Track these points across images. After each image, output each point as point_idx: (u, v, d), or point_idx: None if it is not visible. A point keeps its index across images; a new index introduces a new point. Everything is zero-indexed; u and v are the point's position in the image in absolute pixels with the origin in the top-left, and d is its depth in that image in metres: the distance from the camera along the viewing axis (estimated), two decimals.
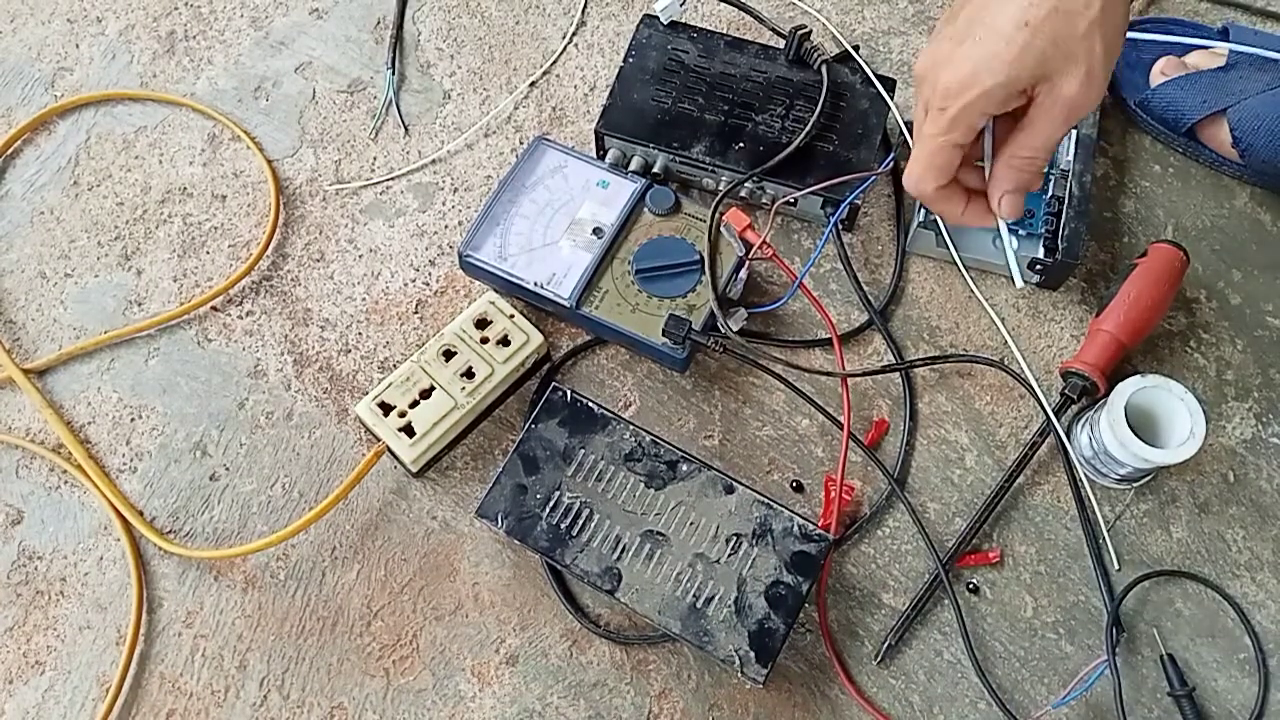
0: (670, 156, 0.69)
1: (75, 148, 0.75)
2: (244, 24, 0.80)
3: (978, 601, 0.61)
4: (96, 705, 0.59)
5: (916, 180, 0.54)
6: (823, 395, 0.66)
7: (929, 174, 0.53)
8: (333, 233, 0.72)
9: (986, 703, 0.59)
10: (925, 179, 0.54)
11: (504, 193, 0.67)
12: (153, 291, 0.70)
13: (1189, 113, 0.70)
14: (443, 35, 0.79)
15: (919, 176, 0.54)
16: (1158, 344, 0.67)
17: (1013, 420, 0.66)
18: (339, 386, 0.67)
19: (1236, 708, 0.59)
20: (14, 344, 0.69)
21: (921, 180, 0.54)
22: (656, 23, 0.72)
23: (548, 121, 0.75)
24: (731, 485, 0.59)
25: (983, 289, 0.69)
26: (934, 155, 0.53)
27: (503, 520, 0.58)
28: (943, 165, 0.53)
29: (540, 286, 0.64)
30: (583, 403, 0.62)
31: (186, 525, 0.63)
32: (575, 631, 0.61)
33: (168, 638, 0.61)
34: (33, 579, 0.62)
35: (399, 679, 0.60)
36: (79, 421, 0.66)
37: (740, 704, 0.59)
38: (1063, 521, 0.63)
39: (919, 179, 0.54)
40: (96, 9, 0.80)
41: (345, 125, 0.76)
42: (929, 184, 0.54)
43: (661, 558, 0.58)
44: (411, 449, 0.60)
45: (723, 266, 0.65)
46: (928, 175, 0.53)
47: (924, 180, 0.54)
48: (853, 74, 0.71)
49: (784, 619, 0.56)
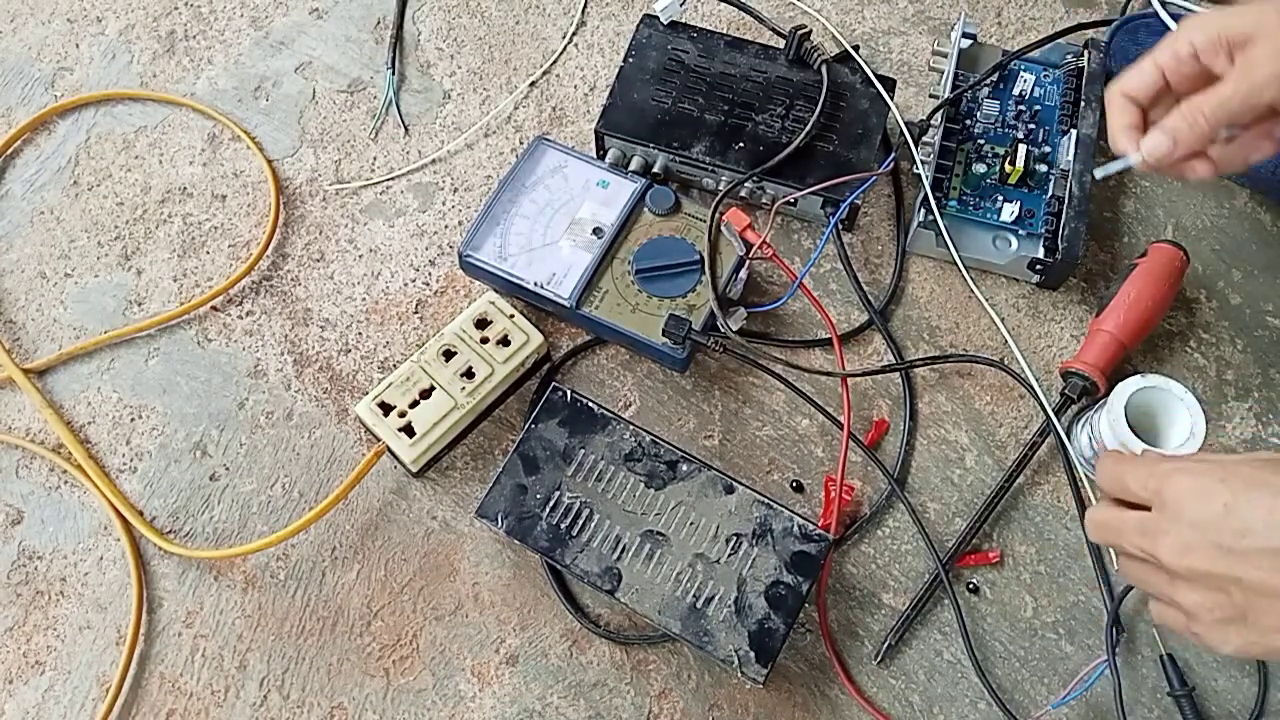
0: (670, 156, 0.69)
1: (75, 147, 0.75)
2: (244, 24, 0.80)
3: (978, 601, 0.61)
4: (96, 705, 0.59)
5: (1115, 80, 0.58)
6: (823, 395, 0.66)
7: (1125, 78, 0.57)
8: (333, 233, 0.72)
9: (986, 703, 0.59)
10: (1123, 80, 0.57)
11: (504, 192, 0.67)
12: (153, 291, 0.70)
13: None
14: (443, 35, 0.79)
15: (1118, 77, 0.58)
16: (1158, 344, 0.67)
17: (1013, 420, 0.66)
18: (339, 386, 0.67)
19: (1236, 708, 0.59)
20: (14, 344, 0.69)
21: (1120, 80, 0.57)
22: (656, 23, 0.72)
23: (548, 121, 0.75)
24: (731, 485, 0.59)
25: (983, 289, 0.69)
26: (1138, 65, 0.57)
27: (503, 520, 0.58)
28: (1139, 76, 0.56)
29: (540, 286, 0.64)
30: (583, 403, 0.62)
31: (186, 525, 0.63)
32: (575, 631, 0.61)
33: (168, 638, 0.61)
34: (33, 579, 0.62)
35: (399, 679, 0.60)
36: (79, 421, 0.66)
37: (740, 704, 0.59)
38: (1063, 521, 0.63)
39: (1116, 79, 0.58)
40: (96, 9, 0.80)
41: (345, 125, 0.76)
42: (1117, 84, 0.57)
43: (661, 558, 0.58)
44: (411, 449, 0.60)
45: (723, 266, 0.65)
46: (1127, 78, 0.57)
47: (1120, 80, 0.57)
48: (853, 74, 0.71)
49: (784, 619, 0.56)
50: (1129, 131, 0.56)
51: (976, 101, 0.73)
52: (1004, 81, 0.73)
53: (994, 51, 0.74)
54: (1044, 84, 0.73)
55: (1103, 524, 0.48)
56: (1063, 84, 0.72)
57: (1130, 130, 0.56)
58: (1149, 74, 0.56)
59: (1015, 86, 0.73)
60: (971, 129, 0.72)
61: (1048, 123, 0.72)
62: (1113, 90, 0.57)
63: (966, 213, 0.69)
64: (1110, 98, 0.57)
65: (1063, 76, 0.73)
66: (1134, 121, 0.56)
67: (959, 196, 0.70)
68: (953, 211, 0.69)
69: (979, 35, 0.74)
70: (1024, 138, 0.71)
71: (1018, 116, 0.72)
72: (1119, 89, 0.57)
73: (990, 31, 0.79)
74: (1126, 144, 0.56)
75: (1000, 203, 0.69)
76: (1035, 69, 0.74)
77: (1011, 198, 0.69)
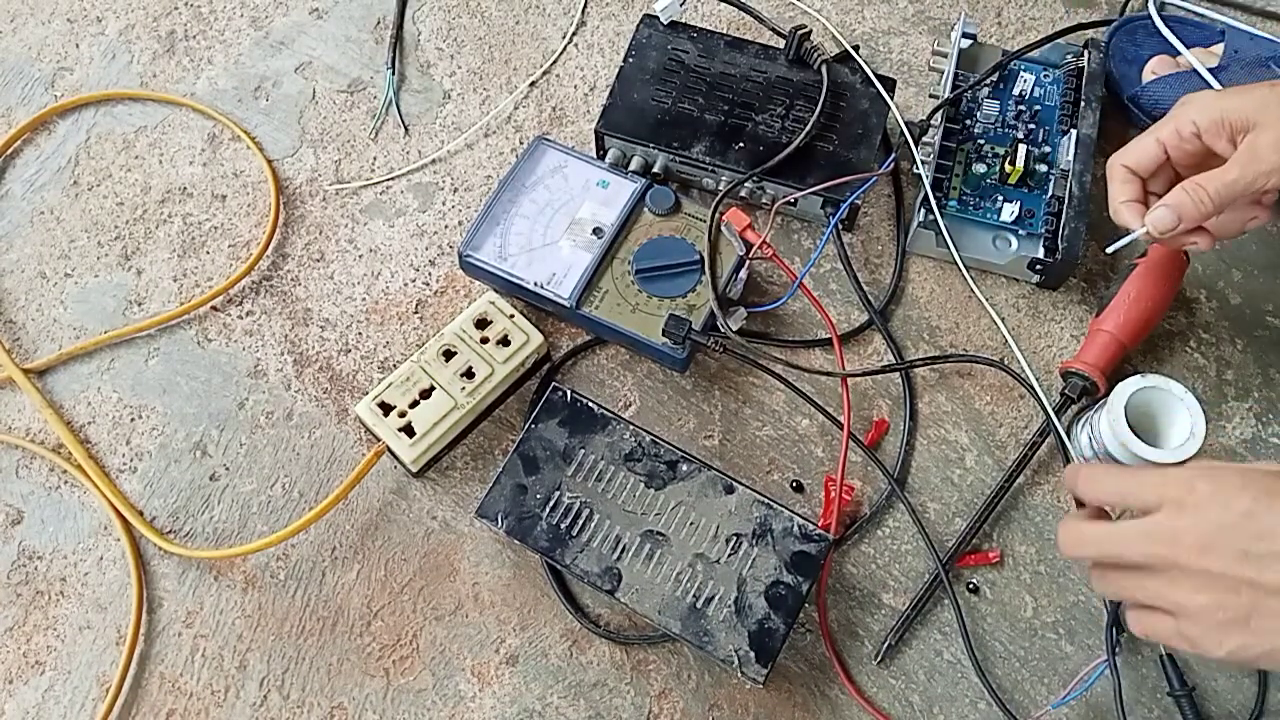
0: (670, 156, 0.69)
1: (75, 147, 0.75)
2: (244, 24, 0.80)
3: (978, 601, 0.61)
4: (96, 705, 0.59)
5: (1116, 154, 0.59)
6: (823, 395, 0.66)
7: (1127, 151, 0.59)
8: (333, 233, 0.72)
9: (986, 703, 0.59)
10: (1125, 153, 0.59)
11: (504, 192, 0.67)
12: (153, 291, 0.70)
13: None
14: (443, 35, 0.79)
15: (1121, 150, 0.59)
16: (1158, 344, 0.67)
17: (1013, 420, 0.66)
18: (339, 386, 0.67)
19: (1236, 708, 0.59)
20: (14, 344, 0.69)
21: (1122, 153, 0.59)
22: (656, 23, 0.72)
23: (548, 121, 0.75)
24: (731, 485, 0.59)
25: (983, 289, 0.69)
26: (1139, 140, 0.58)
27: (503, 520, 0.58)
28: (1140, 150, 0.58)
29: (540, 286, 0.64)
30: (583, 403, 0.62)
31: (186, 525, 0.63)
32: (575, 631, 0.61)
33: (168, 638, 0.61)
34: (33, 579, 0.62)
35: (399, 679, 0.60)
36: (79, 421, 0.66)
37: (740, 704, 0.59)
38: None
39: (1118, 153, 0.59)
40: (96, 9, 0.80)
41: (345, 125, 0.76)
42: (1118, 157, 0.59)
43: (661, 558, 0.58)
44: (411, 449, 0.60)
45: (723, 266, 0.65)
46: (1130, 151, 0.59)
47: (1122, 153, 0.59)
48: (853, 74, 0.71)
49: (784, 619, 0.56)
50: (1132, 206, 0.59)
51: (976, 101, 0.73)
52: (1004, 81, 0.73)
53: (994, 51, 0.74)
54: (1044, 84, 0.73)
55: (1094, 535, 0.48)
56: (1063, 84, 0.72)
57: (1133, 205, 0.58)
58: (1151, 150, 0.58)
59: (1015, 86, 0.73)
60: (971, 129, 0.72)
61: (1048, 123, 0.72)
62: (1114, 163, 0.59)
63: (966, 213, 0.69)
64: (1111, 169, 0.59)
65: (1063, 76, 0.73)
66: (1136, 195, 0.59)
67: (959, 196, 0.70)
68: (953, 211, 0.69)
69: (979, 35, 0.74)
70: (1024, 138, 0.71)
71: (1018, 116, 0.72)
72: (1121, 161, 0.59)
73: (990, 31, 0.79)
74: (1130, 218, 0.58)
75: (1000, 203, 0.69)
76: (1035, 69, 0.74)
77: (1011, 198, 0.69)
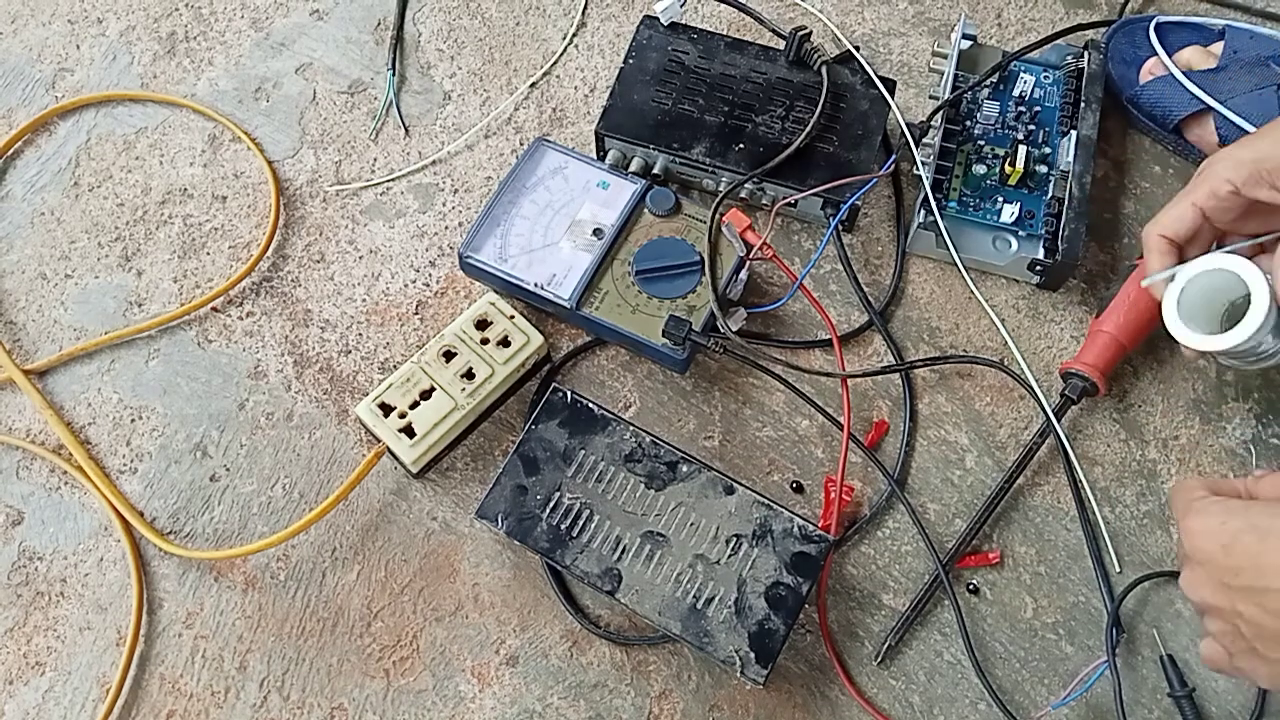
0: (670, 157, 0.69)
1: (75, 149, 0.75)
2: (244, 25, 0.80)
3: (978, 602, 0.61)
4: (97, 706, 0.59)
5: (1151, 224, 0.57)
6: (823, 396, 0.66)
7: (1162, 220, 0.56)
8: (333, 234, 0.72)
9: (986, 703, 0.59)
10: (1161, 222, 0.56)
11: (504, 194, 0.67)
12: (153, 292, 0.70)
13: (1175, 109, 0.70)
14: (443, 36, 0.79)
15: (1154, 219, 0.57)
16: (1158, 344, 0.67)
17: (1013, 421, 0.66)
18: (339, 387, 0.67)
19: (1236, 708, 0.59)
20: (14, 345, 0.69)
21: (1157, 222, 0.57)
22: (657, 24, 0.72)
23: (548, 122, 0.76)
24: (731, 486, 0.59)
25: (983, 289, 0.69)
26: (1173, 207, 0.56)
27: (503, 521, 0.58)
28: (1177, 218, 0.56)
29: (540, 287, 0.64)
30: (583, 403, 0.62)
31: (187, 526, 0.63)
32: (575, 632, 0.61)
33: (168, 639, 0.61)
34: (33, 580, 0.62)
35: (399, 680, 0.60)
36: (79, 422, 0.66)
37: (740, 705, 0.59)
38: (1063, 522, 0.63)
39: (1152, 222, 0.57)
40: (97, 10, 0.80)
41: (346, 126, 0.76)
42: (1154, 227, 0.56)
43: (661, 558, 0.58)
44: (412, 450, 0.60)
45: (723, 267, 0.65)
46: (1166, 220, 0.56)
47: (1157, 222, 0.56)
48: (853, 75, 0.71)
49: (784, 620, 0.56)
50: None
51: (976, 103, 0.73)
52: (1004, 82, 0.73)
53: (994, 52, 0.74)
54: (1044, 85, 0.73)
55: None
56: (1063, 85, 0.72)
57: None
58: (1189, 216, 0.55)
59: (1015, 87, 0.73)
60: (971, 130, 0.72)
61: (1048, 124, 0.72)
62: (1150, 233, 0.57)
63: (966, 214, 0.69)
64: (1148, 239, 0.57)
65: (1063, 77, 0.73)
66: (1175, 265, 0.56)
67: (959, 197, 0.70)
68: (953, 212, 0.69)
69: (979, 36, 0.74)
70: (1024, 139, 0.71)
71: (1018, 117, 0.72)
72: (1158, 232, 0.56)
73: (990, 32, 0.79)
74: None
75: (1000, 204, 0.69)
76: (1035, 70, 0.74)
77: (1011, 199, 0.69)
